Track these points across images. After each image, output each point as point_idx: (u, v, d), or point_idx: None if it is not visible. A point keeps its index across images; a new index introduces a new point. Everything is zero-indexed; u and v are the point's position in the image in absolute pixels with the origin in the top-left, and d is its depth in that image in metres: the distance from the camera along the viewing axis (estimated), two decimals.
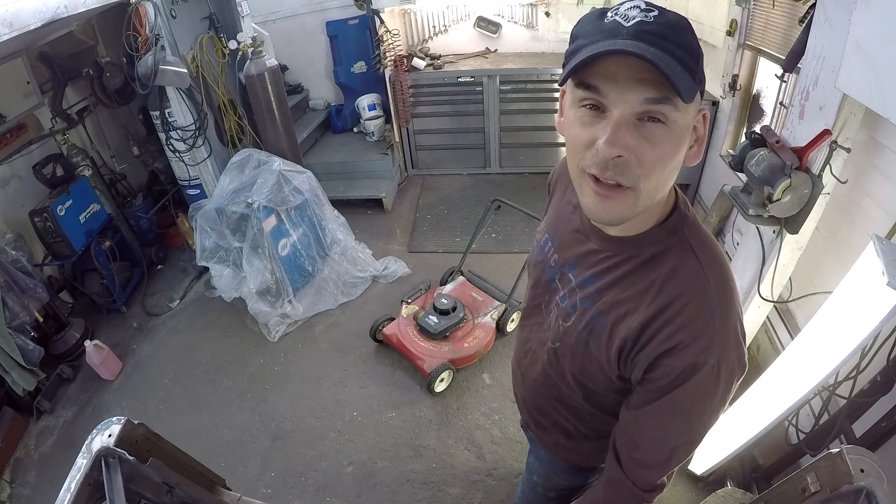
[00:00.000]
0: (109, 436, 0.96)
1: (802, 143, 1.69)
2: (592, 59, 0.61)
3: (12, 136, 2.95)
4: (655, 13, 0.62)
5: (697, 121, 0.69)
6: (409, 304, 2.94)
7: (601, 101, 0.64)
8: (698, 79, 0.64)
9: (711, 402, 0.77)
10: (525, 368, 1.09)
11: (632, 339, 0.77)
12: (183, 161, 3.34)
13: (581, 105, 0.66)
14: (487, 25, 4.49)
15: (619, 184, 0.66)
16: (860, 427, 1.53)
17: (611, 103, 0.63)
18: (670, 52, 0.60)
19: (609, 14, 0.64)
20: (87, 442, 0.96)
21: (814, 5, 1.72)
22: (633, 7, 0.62)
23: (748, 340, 1.66)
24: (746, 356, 0.77)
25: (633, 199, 0.68)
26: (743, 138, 1.98)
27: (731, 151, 1.96)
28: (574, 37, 0.68)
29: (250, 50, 3.23)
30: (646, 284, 0.76)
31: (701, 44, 0.65)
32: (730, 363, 0.74)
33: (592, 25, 0.65)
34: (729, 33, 2.88)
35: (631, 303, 0.77)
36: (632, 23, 0.61)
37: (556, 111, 4.22)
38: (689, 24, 0.65)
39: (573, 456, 1.14)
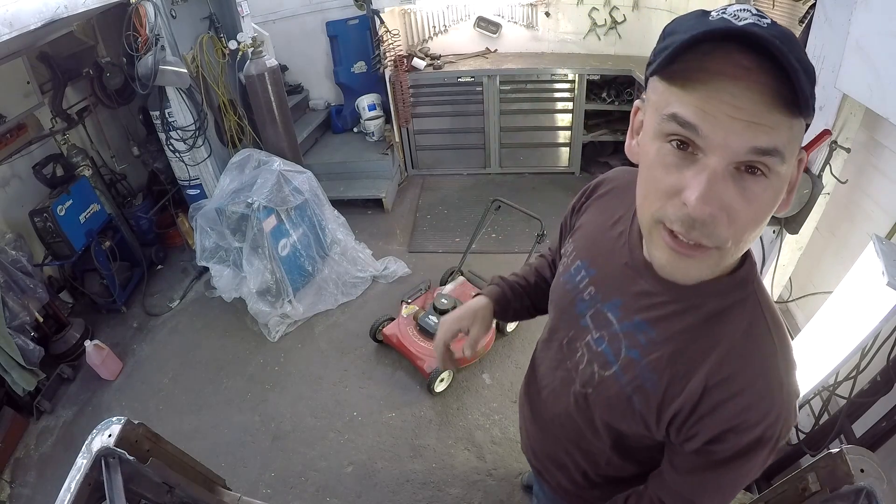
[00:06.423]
0: (109, 436, 0.96)
1: (802, 143, 1.69)
2: (695, 43, 0.50)
3: (12, 136, 2.95)
4: (769, 20, 0.50)
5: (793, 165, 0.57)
6: (409, 304, 2.94)
7: (696, 141, 0.53)
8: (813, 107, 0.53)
9: (765, 463, 0.72)
10: (539, 406, 0.98)
11: (690, 404, 0.67)
12: (183, 161, 3.34)
13: (667, 140, 0.55)
14: (487, 25, 4.48)
15: (702, 244, 0.56)
16: (860, 427, 1.53)
17: (708, 147, 0.52)
18: (800, 65, 0.48)
19: (714, 13, 0.53)
20: (87, 442, 0.96)
21: (814, 5, 1.72)
22: (744, 9, 0.51)
23: None
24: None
25: (715, 259, 0.58)
26: None
27: None
28: (668, 34, 0.56)
29: (250, 50, 3.22)
30: (710, 343, 0.66)
31: None
32: (788, 430, 0.69)
33: (695, 21, 0.54)
34: None
35: (692, 363, 0.67)
36: (744, 23, 0.49)
37: (555, 111, 4.23)
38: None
39: (575, 501, 1.05)
